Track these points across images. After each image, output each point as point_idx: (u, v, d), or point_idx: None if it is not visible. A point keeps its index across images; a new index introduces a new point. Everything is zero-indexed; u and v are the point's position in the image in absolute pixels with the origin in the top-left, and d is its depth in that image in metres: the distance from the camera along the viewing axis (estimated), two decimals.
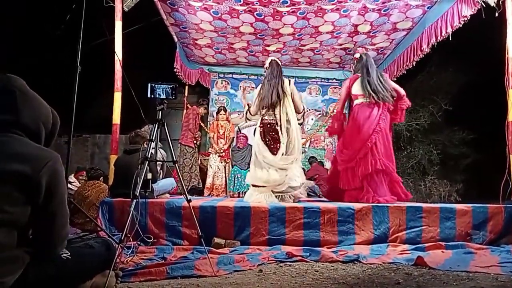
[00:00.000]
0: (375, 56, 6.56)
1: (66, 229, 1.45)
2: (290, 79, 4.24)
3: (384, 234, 3.11)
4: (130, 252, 2.55)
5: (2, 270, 1.25)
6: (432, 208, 3.25)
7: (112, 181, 3.86)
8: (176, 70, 6.28)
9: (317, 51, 6.79)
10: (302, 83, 7.80)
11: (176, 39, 6.14)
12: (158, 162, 3.30)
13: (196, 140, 6.68)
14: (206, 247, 2.42)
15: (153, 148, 2.54)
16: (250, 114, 4.30)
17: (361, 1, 4.98)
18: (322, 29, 5.78)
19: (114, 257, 1.78)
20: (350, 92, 4.25)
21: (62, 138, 8.32)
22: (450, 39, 4.74)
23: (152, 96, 2.56)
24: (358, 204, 3.34)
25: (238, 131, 7.15)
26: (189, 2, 5.03)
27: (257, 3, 5.04)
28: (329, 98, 8.10)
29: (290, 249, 2.75)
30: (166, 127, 2.57)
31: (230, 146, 6.65)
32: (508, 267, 2.29)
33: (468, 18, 4.35)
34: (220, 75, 7.96)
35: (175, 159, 2.64)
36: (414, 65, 5.85)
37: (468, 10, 4.29)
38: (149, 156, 2.46)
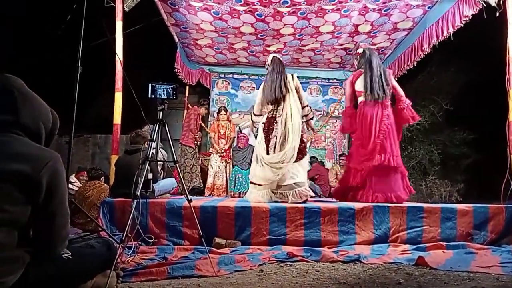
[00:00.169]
0: None
1: (66, 229, 1.45)
2: (293, 74, 4.14)
3: (385, 234, 3.11)
4: (131, 252, 2.56)
5: (2, 270, 1.25)
6: (433, 208, 3.25)
7: (113, 181, 3.87)
8: (176, 70, 6.27)
9: (317, 51, 6.79)
10: (302, 83, 7.66)
11: (176, 39, 6.14)
12: (159, 162, 3.30)
13: (196, 140, 6.68)
14: (207, 247, 2.43)
15: (153, 148, 2.54)
16: (254, 116, 4.19)
17: (361, 1, 4.97)
18: (322, 29, 5.78)
19: (115, 257, 1.78)
20: (354, 87, 4.21)
21: (63, 138, 8.33)
22: (452, 39, 4.71)
23: (153, 96, 2.56)
24: (358, 204, 3.34)
25: (239, 131, 7.14)
26: (189, 3, 5.03)
27: (257, 4, 5.04)
28: (329, 98, 8.10)
29: (291, 249, 2.75)
30: (166, 127, 2.57)
31: (231, 146, 6.64)
32: (509, 267, 2.28)
33: (469, 18, 4.33)
34: (220, 75, 7.96)
35: (176, 159, 2.64)
36: (414, 65, 5.83)
37: (469, 10, 4.27)
38: (150, 156, 2.46)
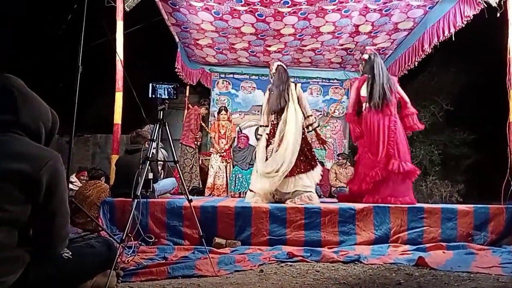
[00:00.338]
0: None
1: (66, 228, 1.45)
2: (297, 83, 4.16)
3: (385, 235, 3.11)
4: (131, 251, 2.56)
5: (2, 270, 1.25)
6: (433, 208, 3.25)
7: (113, 181, 3.87)
8: (177, 70, 6.27)
9: (318, 52, 6.78)
10: (303, 84, 7.73)
11: (177, 39, 6.14)
12: (159, 162, 3.30)
13: (197, 140, 6.67)
14: (207, 247, 2.43)
15: (154, 148, 2.54)
16: (261, 127, 4.15)
17: (362, 1, 4.96)
18: (323, 29, 5.77)
19: (115, 256, 1.78)
20: (359, 93, 4.17)
21: (63, 138, 8.34)
22: (453, 39, 4.70)
23: (153, 96, 2.56)
24: (359, 204, 3.33)
25: (239, 131, 7.15)
26: (190, 3, 5.03)
27: (258, 4, 5.04)
28: (330, 99, 8.08)
29: (291, 249, 2.75)
30: (167, 127, 2.57)
31: (231, 146, 6.64)
32: (509, 268, 2.28)
33: (471, 19, 4.32)
34: (221, 75, 7.95)
35: (176, 159, 2.64)
36: (415, 65, 5.82)
37: (470, 11, 4.25)
38: (150, 156, 2.46)
